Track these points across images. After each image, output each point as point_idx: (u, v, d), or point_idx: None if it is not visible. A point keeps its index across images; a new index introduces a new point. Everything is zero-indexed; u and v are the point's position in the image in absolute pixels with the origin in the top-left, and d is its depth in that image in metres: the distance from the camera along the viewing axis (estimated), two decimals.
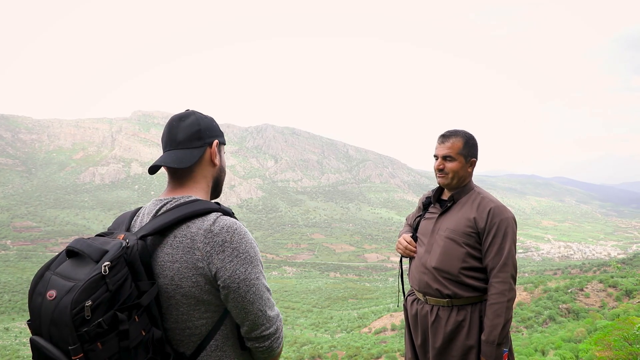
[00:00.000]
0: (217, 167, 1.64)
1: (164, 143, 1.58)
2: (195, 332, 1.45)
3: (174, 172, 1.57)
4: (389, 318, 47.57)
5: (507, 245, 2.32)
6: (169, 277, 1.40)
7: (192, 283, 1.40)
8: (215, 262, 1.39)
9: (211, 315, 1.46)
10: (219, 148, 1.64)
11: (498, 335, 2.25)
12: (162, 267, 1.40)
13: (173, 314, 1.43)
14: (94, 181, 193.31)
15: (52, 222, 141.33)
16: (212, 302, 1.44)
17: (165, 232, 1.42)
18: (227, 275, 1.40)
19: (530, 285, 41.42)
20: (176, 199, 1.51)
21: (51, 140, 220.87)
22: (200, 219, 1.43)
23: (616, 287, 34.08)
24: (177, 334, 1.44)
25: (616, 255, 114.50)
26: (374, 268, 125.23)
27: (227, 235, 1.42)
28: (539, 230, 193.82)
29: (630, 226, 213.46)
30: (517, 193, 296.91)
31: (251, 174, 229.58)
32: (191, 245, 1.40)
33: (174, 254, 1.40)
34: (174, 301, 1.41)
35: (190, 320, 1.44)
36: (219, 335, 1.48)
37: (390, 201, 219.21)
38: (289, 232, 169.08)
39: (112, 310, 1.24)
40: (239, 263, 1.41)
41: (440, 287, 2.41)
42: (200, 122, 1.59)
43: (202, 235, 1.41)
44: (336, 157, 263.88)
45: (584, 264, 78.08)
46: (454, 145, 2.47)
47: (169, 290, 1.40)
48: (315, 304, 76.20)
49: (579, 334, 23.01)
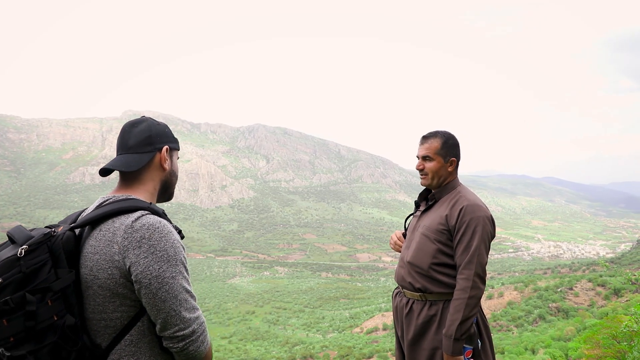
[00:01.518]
0: (166, 172, 1.71)
1: (117, 147, 1.67)
2: (110, 324, 1.48)
3: (123, 174, 1.65)
4: (381, 318, 47.67)
5: (475, 243, 2.34)
6: (88, 268, 1.46)
7: (108, 275, 1.44)
8: (131, 256, 1.43)
9: (127, 310, 1.49)
10: (170, 153, 1.72)
11: (455, 330, 2.27)
12: (85, 257, 1.47)
13: (90, 304, 1.47)
14: (84, 181, 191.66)
15: (42, 223, 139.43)
16: (128, 297, 1.48)
17: (94, 225, 1.49)
18: (140, 270, 1.43)
19: (520, 285, 41.72)
20: (116, 197, 1.58)
21: (40, 139, 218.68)
22: (125, 216, 1.49)
23: (605, 286, 34.41)
24: (94, 325, 1.48)
25: (605, 255, 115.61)
26: (366, 268, 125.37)
27: (146, 232, 1.46)
28: (529, 230, 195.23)
29: (618, 226, 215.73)
30: (508, 193, 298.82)
31: (243, 174, 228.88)
32: (111, 239, 1.45)
33: (97, 245, 1.46)
34: (92, 291, 1.46)
35: (105, 312, 1.47)
36: (134, 330, 1.50)
37: (382, 201, 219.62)
38: (281, 232, 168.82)
39: (22, 291, 1.29)
40: (153, 260, 1.44)
41: (412, 281, 2.50)
42: (152, 128, 1.67)
43: (123, 230, 1.46)
44: (328, 157, 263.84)
45: (573, 264, 78.74)
46: (432, 145, 2.54)
47: (87, 280, 1.46)
48: (307, 304, 76.13)
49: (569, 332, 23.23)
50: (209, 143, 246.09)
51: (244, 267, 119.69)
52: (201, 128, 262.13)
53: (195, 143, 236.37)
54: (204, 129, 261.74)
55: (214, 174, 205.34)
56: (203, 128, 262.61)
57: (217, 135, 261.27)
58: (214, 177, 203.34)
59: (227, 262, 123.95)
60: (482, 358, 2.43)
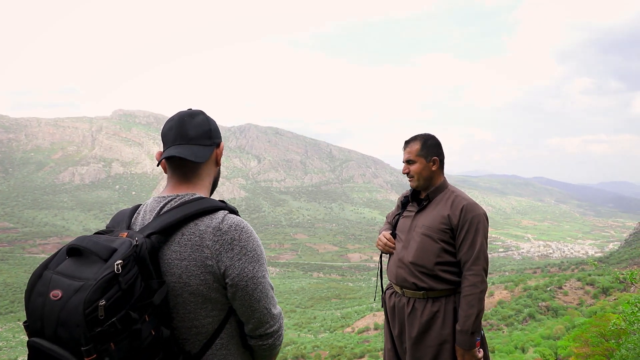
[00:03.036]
0: (218, 168, 1.65)
1: (173, 137, 1.53)
2: (202, 330, 1.44)
3: (180, 167, 1.54)
4: (372, 317, 47.73)
5: (479, 240, 2.48)
6: (176, 275, 1.38)
7: (201, 281, 1.39)
8: (224, 260, 1.39)
9: (217, 314, 1.45)
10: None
11: (472, 325, 2.39)
12: (169, 265, 1.38)
13: (180, 313, 1.41)
14: (74, 181, 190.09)
15: (30, 223, 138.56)
16: (219, 300, 1.44)
17: (172, 230, 1.40)
18: (236, 273, 1.40)
19: (510, 284, 41.95)
20: (180, 196, 1.48)
21: (29, 139, 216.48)
22: (209, 217, 1.42)
23: (593, 285, 34.74)
24: (184, 333, 1.43)
25: (593, 254, 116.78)
26: (357, 268, 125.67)
27: (235, 233, 1.42)
28: (519, 230, 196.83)
29: (607, 225, 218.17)
30: (498, 193, 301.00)
31: (234, 174, 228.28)
32: (200, 243, 1.39)
33: (182, 251, 1.38)
34: (181, 299, 1.40)
35: (197, 318, 1.43)
36: (224, 333, 1.48)
37: (373, 201, 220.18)
38: (272, 232, 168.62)
39: (125, 310, 1.21)
40: (247, 261, 1.42)
41: (417, 281, 2.55)
42: (210, 122, 1.59)
43: (211, 233, 1.40)
44: (319, 157, 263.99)
45: (562, 263, 79.39)
46: (412, 149, 2.66)
47: (176, 288, 1.39)
48: (299, 304, 76.09)
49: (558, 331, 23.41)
50: None
51: None
52: None
53: None
54: None
55: None
56: None
57: None
58: None
59: None
60: (485, 345, 2.58)
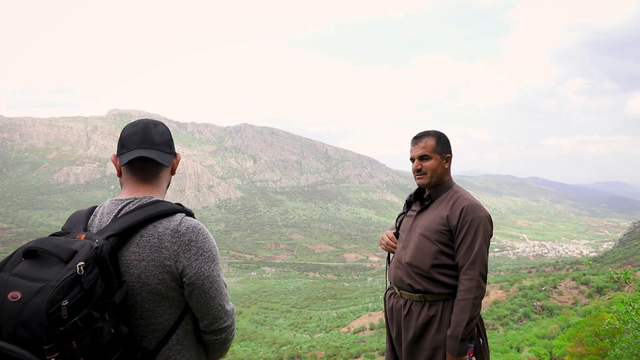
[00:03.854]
0: (172, 176, 1.74)
1: (138, 141, 1.59)
2: (159, 327, 1.51)
3: (141, 170, 1.60)
4: (368, 318, 47.79)
5: (478, 244, 2.36)
6: (135, 275, 1.45)
7: (159, 280, 1.46)
8: (182, 260, 1.46)
9: (174, 311, 1.53)
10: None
11: (462, 331, 2.28)
12: (128, 265, 1.45)
13: (138, 311, 1.48)
14: (69, 181, 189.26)
15: (25, 224, 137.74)
16: (176, 299, 1.51)
17: (131, 232, 1.46)
18: (193, 272, 1.47)
19: (505, 284, 42.16)
20: (138, 199, 1.55)
21: (23, 139, 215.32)
22: (167, 219, 1.50)
23: (588, 284, 34.95)
24: (142, 330, 1.49)
25: (588, 254, 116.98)
26: (353, 268, 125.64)
27: (192, 235, 1.49)
28: (515, 230, 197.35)
29: (601, 225, 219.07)
30: (494, 193, 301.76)
31: (230, 174, 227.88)
32: (158, 244, 1.46)
33: (141, 252, 1.45)
34: (140, 298, 1.46)
35: (155, 316, 1.50)
36: (180, 329, 1.55)
37: (369, 201, 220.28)
38: (268, 232, 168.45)
39: (87, 309, 1.26)
40: (203, 261, 1.49)
41: (413, 283, 2.46)
42: (169, 132, 1.69)
43: (169, 235, 1.47)
44: (315, 158, 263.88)
45: (557, 263, 79.69)
46: (427, 144, 2.52)
47: (135, 287, 1.45)
48: (294, 304, 76.10)
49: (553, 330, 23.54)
50: (195, 143, 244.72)
51: (231, 268, 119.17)
52: (188, 128, 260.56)
53: (182, 143, 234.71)
54: (190, 129, 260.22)
55: (201, 174, 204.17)
56: (190, 128, 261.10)
57: (203, 135, 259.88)
58: (201, 177, 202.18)
59: None
60: (482, 355, 2.47)
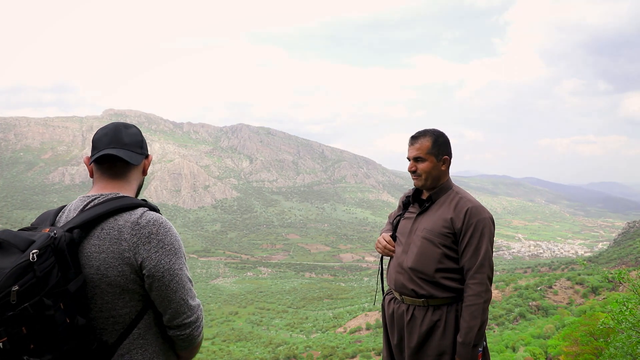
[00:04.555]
0: (144, 177, 1.77)
1: (107, 141, 1.63)
2: (119, 320, 1.50)
3: (110, 169, 1.64)
4: (364, 318, 47.86)
5: (484, 246, 2.29)
6: (94, 267, 1.45)
7: (118, 272, 1.46)
8: (142, 252, 1.47)
9: (135, 304, 1.52)
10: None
11: (474, 337, 2.21)
12: (88, 257, 1.45)
13: (98, 303, 1.47)
14: (64, 181, 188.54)
15: (20, 224, 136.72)
16: (137, 291, 1.50)
17: (92, 225, 1.48)
18: (153, 264, 1.47)
19: (501, 284, 42.32)
20: (104, 195, 1.58)
21: (18, 139, 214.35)
22: (128, 213, 1.51)
23: (583, 284, 35.15)
24: (101, 322, 1.48)
25: (583, 254, 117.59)
26: (349, 268, 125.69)
27: (153, 227, 1.50)
28: (510, 230, 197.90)
29: (596, 225, 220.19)
30: (489, 193, 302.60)
31: (226, 174, 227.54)
32: (118, 237, 1.46)
33: (101, 245, 1.46)
34: (99, 290, 1.46)
35: (115, 309, 1.49)
36: (142, 324, 1.53)
37: (365, 201, 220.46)
38: (264, 232, 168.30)
39: (39, 296, 1.26)
40: (163, 254, 1.49)
41: (416, 288, 2.37)
42: (141, 135, 1.74)
43: (130, 227, 1.48)
44: (311, 158, 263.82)
45: (552, 263, 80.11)
46: (423, 145, 2.42)
47: (94, 279, 1.45)
48: (291, 304, 76.10)
49: (548, 330, 23.66)
50: (191, 143, 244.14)
51: (227, 268, 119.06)
52: (184, 128, 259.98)
53: (178, 143, 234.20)
54: (186, 129, 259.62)
55: (197, 174, 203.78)
56: (186, 128, 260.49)
57: (199, 135, 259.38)
58: (197, 177, 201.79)
59: (210, 263, 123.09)
60: (487, 356, 2.40)
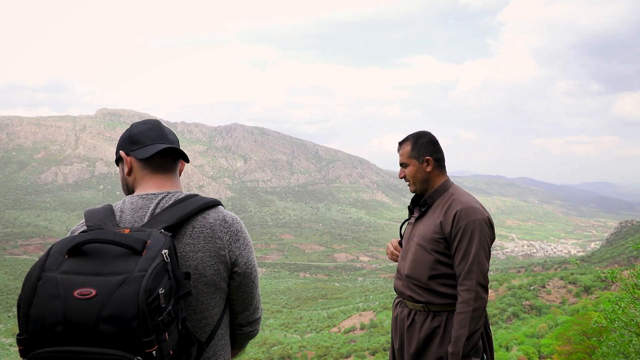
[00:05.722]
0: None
1: (154, 137, 1.56)
2: (210, 321, 1.46)
3: (163, 165, 1.56)
4: (358, 318, 47.93)
5: (473, 250, 2.17)
6: (192, 267, 1.40)
7: (214, 271, 1.43)
8: (234, 249, 1.46)
9: (222, 304, 1.49)
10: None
11: (462, 347, 2.11)
12: (184, 257, 1.40)
13: (192, 304, 1.42)
14: (57, 181, 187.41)
15: (12, 224, 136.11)
16: (225, 290, 1.48)
17: (183, 223, 1.42)
18: (244, 262, 1.48)
19: (495, 283, 42.48)
20: (171, 193, 1.51)
21: (10, 138, 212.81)
22: (213, 210, 1.49)
23: (575, 283, 35.38)
24: (193, 324, 1.43)
25: (576, 253, 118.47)
26: (344, 268, 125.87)
27: (237, 225, 1.50)
28: (504, 229, 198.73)
29: (589, 225, 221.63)
30: (483, 193, 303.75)
31: (220, 174, 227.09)
32: (212, 235, 1.43)
33: (196, 243, 1.41)
34: (196, 290, 1.41)
35: (207, 309, 1.45)
36: (223, 323, 1.51)
37: (360, 201, 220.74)
38: (259, 232, 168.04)
39: (174, 298, 1.22)
40: (249, 251, 1.51)
41: (413, 294, 2.34)
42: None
43: (220, 225, 1.45)
44: (306, 158, 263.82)
45: (546, 262, 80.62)
46: (404, 151, 2.43)
47: (192, 279, 1.40)
48: (285, 304, 76.07)
49: (541, 329, 23.80)
50: (185, 143, 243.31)
51: None
52: (178, 127, 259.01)
53: None
54: (180, 129, 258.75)
55: (191, 174, 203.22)
56: (180, 127, 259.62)
57: (194, 135, 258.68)
58: (191, 177, 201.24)
59: None
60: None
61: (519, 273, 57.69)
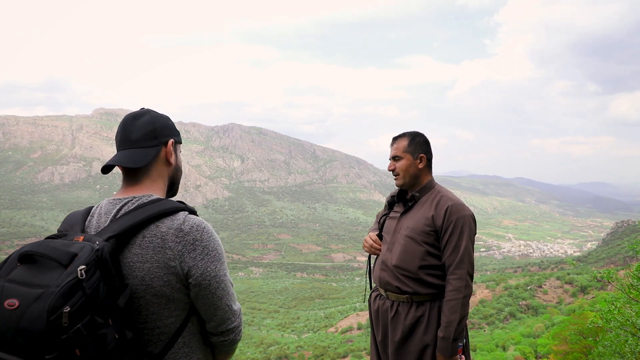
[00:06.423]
0: (172, 167, 1.63)
1: (118, 142, 1.56)
2: (164, 330, 1.44)
3: (129, 171, 1.54)
4: (355, 317, 47.92)
5: (464, 243, 2.39)
6: (139, 278, 1.37)
7: (164, 282, 1.39)
8: (187, 260, 1.39)
9: (179, 313, 1.46)
10: (174, 147, 1.64)
11: (453, 331, 2.29)
12: (131, 267, 1.37)
13: (143, 314, 1.41)
14: (53, 181, 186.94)
15: (8, 224, 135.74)
16: (181, 300, 1.44)
17: (133, 233, 1.39)
18: (199, 273, 1.41)
19: (492, 283, 42.59)
20: (137, 198, 1.48)
21: (7, 138, 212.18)
22: (169, 218, 1.42)
23: (572, 283, 35.50)
24: (147, 334, 1.42)
25: (572, 253, 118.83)
26: (341, 268, 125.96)
27: (197, 233, 1.42)
28: (500, 230, 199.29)
29: (585, 225, 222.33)
30: (480, 193, 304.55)
31: (217, 174, 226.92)
32: (162, 245, 1.38)
33: (144, 254, 1.38)
34: (144, 301, 1.40)
35: (160, 319, 1.43)
36: (186, 332, 1.48)
37: (357, 201, 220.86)
38: (256, 232, 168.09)
39: (89, 315, 1.19)
40: (209, 261, 1.43)
41: (400, 285, 2.46)
42: (155, 121, 1.59)
43: (173, 235, 1.39)
44: (303, 158, 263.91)
45: (542, 262, 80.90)
46: (400, 145, 2.57)
47: (139, 290, 1.38)
48: (282, 304, 76.08)
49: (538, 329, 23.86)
50: (182, 142, 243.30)
51: None
52: None
53: None
54: (177, 128, 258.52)
55: (188, 174, 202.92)
56: (177, 127, 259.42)
57: (191, 135, 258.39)
58: (188, 177, 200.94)
59: None
60: (468, 352, 2.49)
61: (515, 273, 57.84)
